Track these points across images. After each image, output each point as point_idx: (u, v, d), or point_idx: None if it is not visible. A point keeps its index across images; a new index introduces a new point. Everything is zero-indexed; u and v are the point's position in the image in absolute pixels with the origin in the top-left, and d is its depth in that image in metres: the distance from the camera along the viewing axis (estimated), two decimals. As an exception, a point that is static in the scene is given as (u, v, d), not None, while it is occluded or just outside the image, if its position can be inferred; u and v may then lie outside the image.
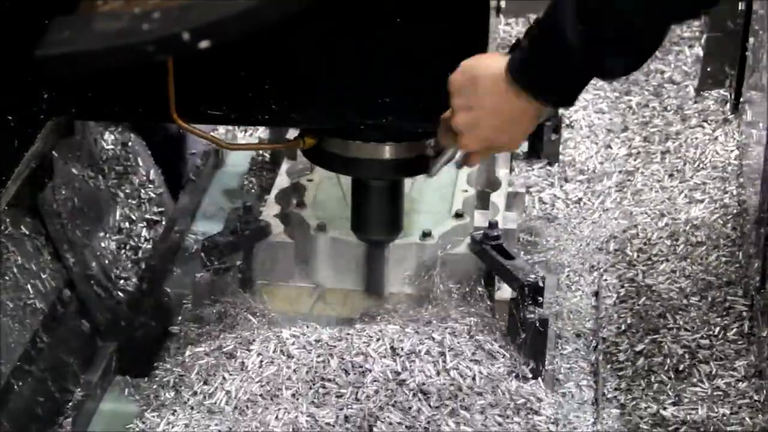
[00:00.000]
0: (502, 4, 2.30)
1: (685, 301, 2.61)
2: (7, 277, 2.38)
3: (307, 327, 2.37)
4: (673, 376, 2.41)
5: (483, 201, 2.79)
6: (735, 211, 2.84)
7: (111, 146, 2.83)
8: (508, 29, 3.81)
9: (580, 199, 3.02)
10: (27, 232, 2.46)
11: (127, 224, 2.75)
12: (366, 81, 2.17)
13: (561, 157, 3.18)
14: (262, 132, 3.23)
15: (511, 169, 3.00)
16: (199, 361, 2.31)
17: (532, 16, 3.74)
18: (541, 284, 2.36)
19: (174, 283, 2.72)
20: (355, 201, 2.49)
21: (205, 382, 2.27)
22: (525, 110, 1.96)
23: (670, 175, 3.02)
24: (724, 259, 2.71)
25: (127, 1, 1.89)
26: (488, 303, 2.50)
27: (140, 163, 2.86)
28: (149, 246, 2.72)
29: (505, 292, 2.50)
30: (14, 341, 2.31)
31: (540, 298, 2.37)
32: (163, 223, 2.80)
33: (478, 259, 2.51)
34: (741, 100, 3.11)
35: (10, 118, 2.13)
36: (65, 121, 2.35)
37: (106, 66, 1.97)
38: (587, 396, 2.43)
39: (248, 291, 2.47)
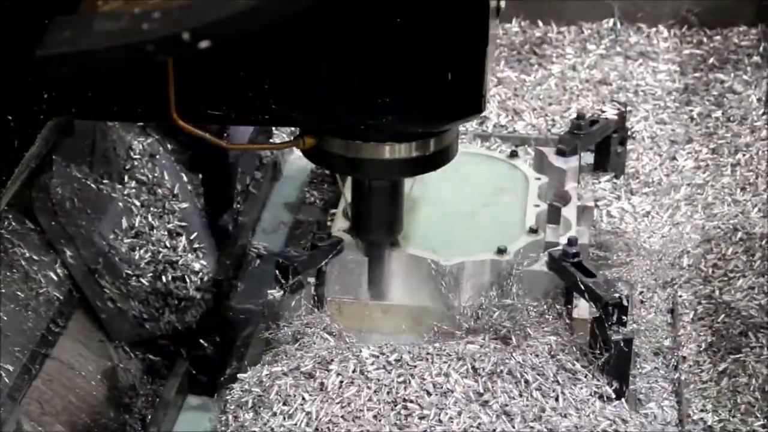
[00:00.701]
0: (502, 4, 2.27)
1: (766, 319, 2.55)
2: (14, 270, 2.42)
3: (386, 346, 2.31)
4: (759, 397, 2.36)
5: (552, 215, 2.74)
6: (814, 225, 2.80)
7: (138, 155, 2.87)
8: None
9: (648, 213, 2.96)
10: (33, 227, 2.51)
11: (146, 229, 2.77)
12: (366, 81, 2.15)
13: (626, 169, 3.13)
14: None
15: (578, 182, 2.95)
16: (277, 381, 2.25)
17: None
18: (625, 303, 2.31)
19: (239, 299, 2.68)
20: (355, 201, 2.47)
21: (285, 403, 2.21)
22: None
23: (742, 189, 2.96)
24: (805, 276, 2.67)
25: (127, 1, 1.89)
26: (567, 321, 2.44)
27: (166, 177, 2.88)
28: (170, 253, 2.75)
29: (582, 309, 2.45)
30: (29, 328, 2.36)
31: (624, 317, 2.31)
32: (184, 236, 2.80)
33: (557, 276, 2.46)
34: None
35: (10, 118, 2.13)
36: (65, 121, 2.34)
37: (106, 66, 1.97)
38: (670, 417, 2.38)
39: (321, 309, 2.42)
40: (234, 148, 2.95)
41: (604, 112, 3.02)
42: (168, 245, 2.80)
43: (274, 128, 3.19)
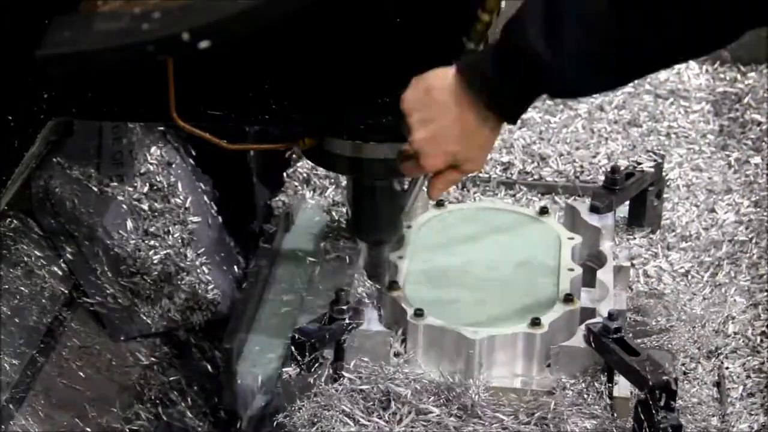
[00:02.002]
0: (503, 4, 2.22)
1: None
2: (17, 266, 2.45)
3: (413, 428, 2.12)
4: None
5: (586, 278, 2.54)
6: None
7: (154, 161, 2.89)
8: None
9: (688, 272, 2.76)
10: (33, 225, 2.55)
11: (155, 233, 2.81)
12: (366, 81, 2.14)
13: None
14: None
15: (614, 241, 2.75)
16: (294, 473, 2.06)
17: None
18: (674, 387, 2.12)
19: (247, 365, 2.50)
20: (355, 202, 2.43)
21: (302, 497, 2.03)
22: (484, 119, 1.94)
23: (790, 248, 2.77)
24: None
25: (127, 1, 1.88)
26: (607, 401, 2.25)
27: (180, 187, 2.89)
28: (177, 259, 2.78)
29: (624, 387, 2.25)
30: (34, 322, 2.42)
31: (672, 402, 2.12)
32: (189, 251, 2.82)
33: (596, 352, 2.26)
34: None
35: (10, 118, 2.12)
36: (65, 121, 2.38)
37: (106, 66, 1.97)
38: (719, 508, 2.18)
39: (341, 386, 2.22)
40: (234, 149, 2.89)
41: (640, 164, 2.82)
42: (177, 252, 2.82)
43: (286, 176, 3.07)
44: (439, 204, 2.68)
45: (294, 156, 3.15)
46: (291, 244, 2.90)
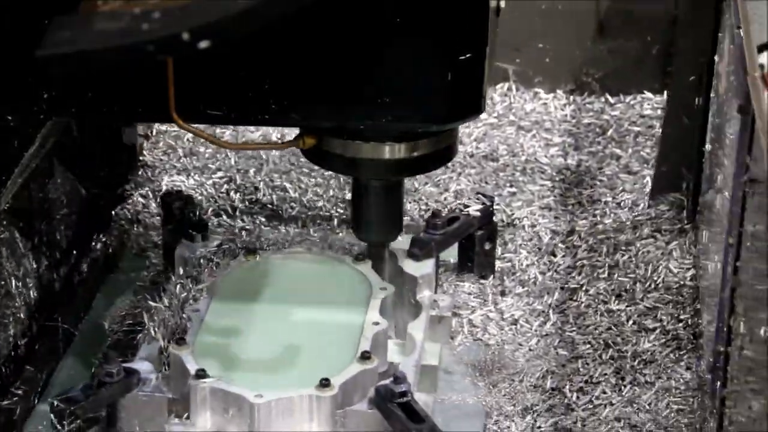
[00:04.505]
0: (502, 4, 2.24)
1: (630, 461, 2.24)
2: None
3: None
4: None
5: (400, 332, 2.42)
6: (690, 346, 2.46)
7: None
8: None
9: (517, 320, 2.63)
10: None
11: None
12: (366, 81, 2.12)
13: (499, 263, 2.80)
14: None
15: (437, 287, 2.62)
16: None
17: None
18: (452, 458, 1.99)
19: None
20: (354, 202, 2.42)
21: None
22: None
23: (618, 296, 2.64)
24: (676, 407, 2.33)
25: (127, 1, 1.86)
26: (396, 468, 2.12)
27: None
28: None
29: (416, 453, 2.12)
30: None
31: (451, 475, 2.00)
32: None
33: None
34: (698, 208, 2.73)
35: (10, 118, 2.15)
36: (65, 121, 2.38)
37: (106, 66, 1.97)
38: None
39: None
40: (234, 148, 2.99)
41: (467, 207, 2.69)
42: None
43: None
44: (250, 252, 2.55)
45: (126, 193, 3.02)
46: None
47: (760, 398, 1.67)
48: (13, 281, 2.40)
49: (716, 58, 2.58)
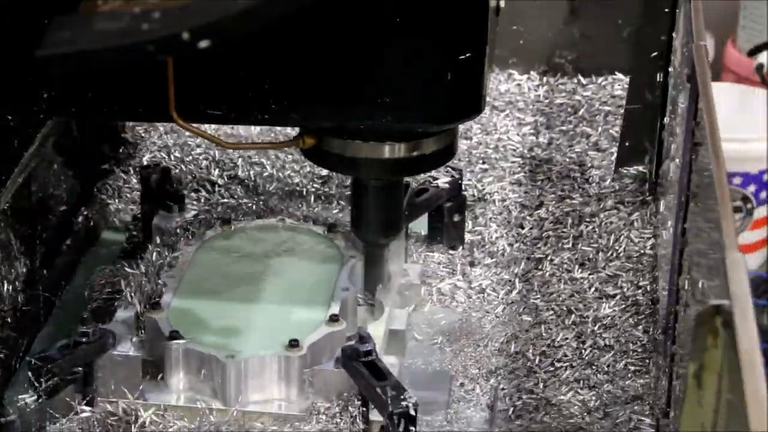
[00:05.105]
0: (502, 4, 2.24)
1: (587, 419, 2.31)
2: None
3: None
4: None
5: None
6: (648, 311, 2.55)
7: None
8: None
9: (484, 290, 2.71)
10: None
11: None
12: (365, 80, 2.12)
13: (469, 236, 2.88)
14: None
15: (406, 257, 2.71)
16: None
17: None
18: (412, 412, 2.08)
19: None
20: (353, 202, 2.43)
21: None
22: None
23: (581, 265, 2.72)
24: (633, 368, 2.42)
25: (127, 1, 1.86)
26: (361, 425, 2.21)
27: None
28: None
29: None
30: None
31: (412, 428, 2.08)
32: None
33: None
34: (659, 180, 2.82)
35: (10, 118, 2.16)
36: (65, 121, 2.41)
37: (106, 66, 1.97)
38: None
39: (81, 413, 2.17)
40: (234, 148, 2.97)
41: (436, 179, 2.77)
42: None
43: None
44: (225, 222, 2.64)
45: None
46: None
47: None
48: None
49: (674, 34, 2.67)
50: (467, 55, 2.07)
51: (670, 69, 2.69)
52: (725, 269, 1.39)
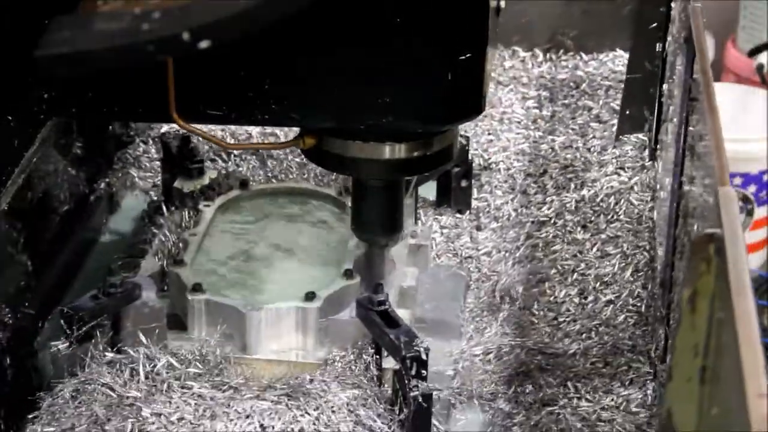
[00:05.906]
0: (502, 4, 2.25)
1: (588, 367, 2.43)
2: None
3: (170, 404, 2.18)
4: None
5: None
6: (646, 269, 2.67)
7: None
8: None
9: (491, 252, 2.84)
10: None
11: None
12: (365, 81, 2.14)
13: (476, 203, 3.00)
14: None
15: (417, 219, 2.83)
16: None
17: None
18: (424, 357, 2.19)
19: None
20: (353, 201, 2.44)
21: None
22: None
23: (583, 227, 2.85)
24: (632, 320, 2.54)
25: (127, 1, 1.88)
26: (375, 372, 2.32)
27: None
28: None
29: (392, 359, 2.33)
30: None
31: (424, 372, 2.20)
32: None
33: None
34: (658, 147, 2.94)
35: (10, 118, 2.15)
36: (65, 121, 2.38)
37: (106, 66, 1.95)
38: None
39: (105, 359, 2.28)
40: (234, 148, 3.00)
41: (444, 145, 2.88)
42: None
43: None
44: (243, 184, 2.76)
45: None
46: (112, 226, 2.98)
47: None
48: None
49: (673, 4, 2.78)
50: (468, 55, 2.08)
51: (669, 38, 2.80)
52: (717, 201, 1.51)
